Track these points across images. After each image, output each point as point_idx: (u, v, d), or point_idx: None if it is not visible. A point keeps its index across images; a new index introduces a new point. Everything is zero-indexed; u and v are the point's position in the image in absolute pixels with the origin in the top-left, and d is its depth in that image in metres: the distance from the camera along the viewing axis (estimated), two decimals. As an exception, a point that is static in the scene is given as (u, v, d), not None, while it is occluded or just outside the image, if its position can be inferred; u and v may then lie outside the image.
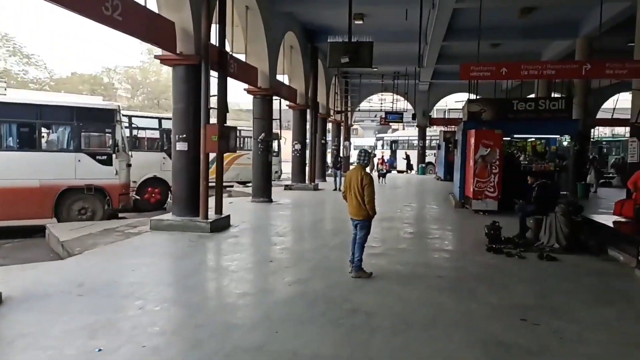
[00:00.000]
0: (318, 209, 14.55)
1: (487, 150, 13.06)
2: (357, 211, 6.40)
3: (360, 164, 6.50)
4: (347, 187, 6.49)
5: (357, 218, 6.46)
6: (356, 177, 6.31)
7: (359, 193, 6.27)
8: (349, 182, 6.43)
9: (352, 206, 6.43)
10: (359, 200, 6.31)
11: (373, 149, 39.51)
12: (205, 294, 6.07)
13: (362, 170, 6.40)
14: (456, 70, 26.48)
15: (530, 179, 9.99)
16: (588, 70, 9.51)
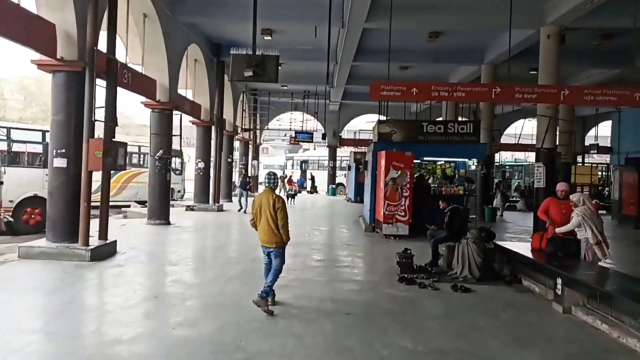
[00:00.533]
0: (220, 232, 13.41)
1: (397, 173, 12.75)
2: (270, 238, 5.94)
3: (269, 186, 6.08)
4: (256, 213, 6.01)
5: (270, 246, 5.99)
6: (267, 201, 5.91)
7: (272, 218, 5.85)
8: (258, 206, 5.98)
9: (264, 233, 5.95)
10: (271, 226, 5.87)
11: (283, 169, 38.86)
12: (65, 343, 4.81)
13: (272, 193, 6.00)
14: (366, 91, 26.56)
15: (442, 203, 9.67)
16: (497, 93, 9.45)
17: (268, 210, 5.85)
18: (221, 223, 14.80)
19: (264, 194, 6.01)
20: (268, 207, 5.86)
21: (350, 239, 12.78)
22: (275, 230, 5.87)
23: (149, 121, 13.51)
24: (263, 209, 5.90)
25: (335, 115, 31.14)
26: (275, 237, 5.91)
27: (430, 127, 14.09)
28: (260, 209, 5.94)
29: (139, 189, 21.22)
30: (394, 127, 14.10)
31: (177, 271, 8.16)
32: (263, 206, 5.91)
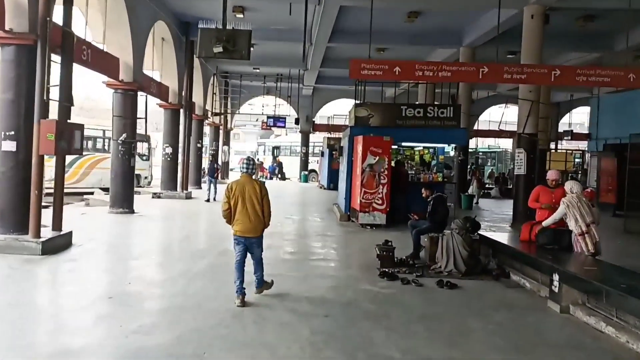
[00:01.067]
0: (187, 222, 12.63)
1: (375, 159, 12.17)
2: (256, 227, 5.64)
3: (248, 172, 5.71)
4: (235, 202, 5.56)
5: (254, 235, 5.67)
6: (252, 188, 5.58)
7: (259, 204, 5.57)
8: (240, 194, 5.55)
9: (247, 222, 5.56)
10: (258, 215, 5.59)
11: (255, 155, 37.98)
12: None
13: (253, 180, 5.72)
14: (341, 75, 26.37)
15: (425, 191, 9.14)
16: (485, 73, 8.91)
17: (254, 197, 5.53)
18: (188, 212, 13.99)
19: (245, 180, 5.62)
20: (254, 193, 5.54)
21: (325, 228, 12.19)
22: (261, 217, 5.61)
23: (112, 103, 12.52)
24: (247, 197, 5.52)
25: (308, 100, 30.40)
26: (261, 225, 5.66)
27: (409, 111, 13.52)
28: (242, 196, 5.52)
29: (103, 175, 20.16)
30: (372, 110, 13.49)
31: (138, 266, 7.44)
32: (247, 193, 5.53)
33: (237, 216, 5.57)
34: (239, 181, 5.65)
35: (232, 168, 47.32)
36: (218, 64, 21.81)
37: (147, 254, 8.52)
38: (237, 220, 5.59)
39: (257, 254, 5.76)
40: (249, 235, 5.63)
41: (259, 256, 5.78)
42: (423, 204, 13.81)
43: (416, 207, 13.77)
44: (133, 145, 12.88)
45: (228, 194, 5.59)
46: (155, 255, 8.52)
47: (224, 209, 5.62)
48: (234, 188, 5.59)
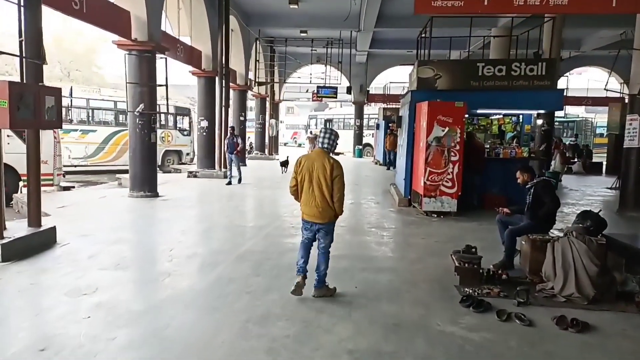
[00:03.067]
0: (215, 208, 10.59)
1: (444, 130, 9.66)
2: (323, 212, 4.80)
3: (324, 148, 4.86)
4: (302, 179, 4.85)
5: (320, 221, 4.85)
6: (322, 165, 4.74)
7: (328, 188, 4.75)
8: (307, 171, 4.80)
9: (313, 206, 4.81)
10: (326, 198, 4.77)
11: (306, 128, 35.88)
12: None
13: (327, 156, 4.81)
14: (400, 36, 23.49)
15: (521, 175, 6.58)
16: (621, 0, 6.13)
17: (323, 177, 4.73)
18: (221, 195, 12.00)
19: (317, 156, 4.82)
20: (323, 173, 4.72)
21: (380, 217, 9.84)
22: (330, 202, 4.76)
23: (125, 67, 10.60)
24: (315, 176, 4.76)
25: (362, 68, 27.75)
26: (329, 211, 4.81)
27: (488, 70, 10.76)
28: (310, 174, 4.78)
29: (139, 152, 18.69)
30: (439, 70, 10.85)
31: (118, 282, 5.41)
32: (315, 172, 4.76)
33: (302, 196, 4.87)
34: (310, 156, 4.88)
35: (285, 142, 46.02)
36: (260, 27, 19.57)
37: (140, 260, 6.57)
38: (303, 200, 4.88)
39: (322, 242, 4.94)
40: (314, 220, 4.85)
41: (324, 247, 4.95)
42: (503, 186, 11.34)
43: (494, 188, 11.32)
44: (153, 117, 10.95)
45: (296, 168, 4.89)
46: (150, 263, 6.51)
47: (291, 185, 4.96)
48: (302, 163, 4.86)
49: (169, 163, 19.45)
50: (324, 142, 4.83)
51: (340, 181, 4.74)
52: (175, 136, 19.57)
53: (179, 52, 12.75)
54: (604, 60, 27.28)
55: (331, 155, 4.86)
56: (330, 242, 4.99)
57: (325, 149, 4.83)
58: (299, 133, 42.80)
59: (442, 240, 7.88)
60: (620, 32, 20.19)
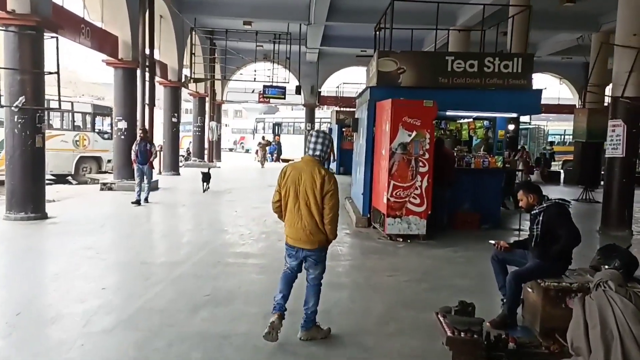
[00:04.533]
0: (127, 235, 8.13)
1: (411, 135, 7.75)
2: (311, 235, 3.82)
3: (316, 157, 3.84)
4: (287, 194, 3.88)
5: (308, 247, 3.86)
6: (311, 178, 3.76)
7: (317, 205, 3.77)
8: (293, 184, 3.83)
9: (299, 228, 3.83)
10: (314, 217, 3.79)
11: (253, 133, 33.58)
12: None
13: (318, 167, 3.80)
14: (353, 34, 21.65)
15: (524, 197, 4.66)
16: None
17: (311, 192, 3.75)
18: (134, 215, 9.48)
19: (304, 165, 3.83)
20: (312, 187, 3.74)
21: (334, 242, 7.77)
22: (319, 223, 3.79)
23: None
24: (301, 190, 3.78)
25: (313, 68, 25.75)
26: (319, 235, 3.81)
27: (458, 64, 8.95)
28: (296, 188, 3.80)
29: (49, 158, 15.84)
30: (403, 63, 8.93)
31: None
32: (302, 185, 3.78)
33: (287, 215, 3.91)
34: (297, 165, 3.92)
35: (231, 148, 43.32)
36: (196, 15, 17.16)
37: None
38: (287, 220, 3.92)
39: (313, 273, 3.96)
40: (300, 246, 3.87)
41: (314, 278, 3.97)
42: (475, 201, 9.62)
43: (465, 204, 9.59)
44: (39, 115, 8.45)
45: (280, 180, 3.92)
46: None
47: (274, 200, 4.01)
48: (287, 173, 3.88)
49: (84, 172, 16.68)
50: (315, 149, 3.84)
51: (334, 198, 3.81)
52: (93, 140, 16.81)
53: (84, 35, 10.25)
54: (557, 67, 26.64)
55: (322, 165, 3.87)
56: (322, 272, 4.05)
57: (317, 158, 3.84)
58: (246, 138, 40.34)
59: (415, 277, 5.99)
60: (577, 37, 19.38)
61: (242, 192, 13.48)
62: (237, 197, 12.58)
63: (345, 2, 16.64)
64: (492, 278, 4.92)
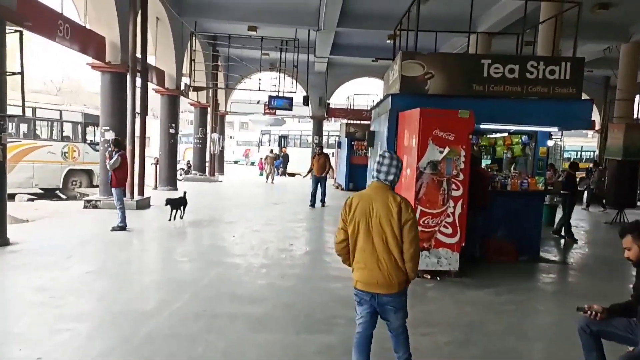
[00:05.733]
0: (98, 269, 6.75)
1: (442, 152, 6.39)
2: (390, 277, 3.22)
3: (384, 181, 3.29)
4: (355, 229, 3.25)
5: (387, 291, 3.25)
6: (385, 207, 3.20)
7: (395, 239, 3.18)
8: (363, 217, 3.23)
9: (375, 268, 3.22)
10: (393, 255, 3.20)
11: (258, 145, 32.35)
12: None
13: (391, 194, 3.26)
14: (364, 42, 20.43)
15: (635, 244, 3.26)
16: None
17: (387, 224, 3.17)
18: (106, 244, 8.01)
19: (374, 194, 3.27)
20: (387, 218, 3.17)
21: (343, 279, 6.34)
22: (399, 260, 3.20)
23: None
24: (374, 223, 3.20)
25: (321, 79, 24.51)
26: (399, 275, 3.22)
27: (496, 69, 7.61)
28: (367, 222, 3.21)
29: (35, 171, 14.70)
30: (431, 67, 7.59)
31: None
32: (375, 217, 3.20)
33: (356, 255, 3.30)
34: (364, 194, 3.32)
35: (236, 161, 42.03)
36: (197, 18, 15.95)
37: None
38: (356, 262, 3.30)
39: (394, 323, 3.34)
40: (377, 291, 3.25)
41: (398, 327, 3.36)
42: (511, 229, 8.24)
43: (499, 231, 8.22)
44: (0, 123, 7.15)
45: (344, 214, 3.31)
46: None
47: (338, 240, 3.36)
48: (353, 205, 3.28)
49: (74, 186, 15.45)
50: (389, 172, 3.27)
51: (414, 229, 3.20)
52: (84, 151, 15.62)
53: (62, 33, 8.98)
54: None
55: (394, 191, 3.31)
56: (405, 317, 3.40)
57: (387, 183, 3.28)
58: (252, 150, 39.17)
59: (458, 338, 4.67)
60: (604, 48, 18.11)
61: (243, 211, 12.11)
62: (237, 217, 11.23)
63: (358, 6, 15.45)
64: (561, 339, 3.56)
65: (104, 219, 9.69)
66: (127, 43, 11.21)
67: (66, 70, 37.05)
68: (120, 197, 8.89)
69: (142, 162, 12.49)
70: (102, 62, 10.99)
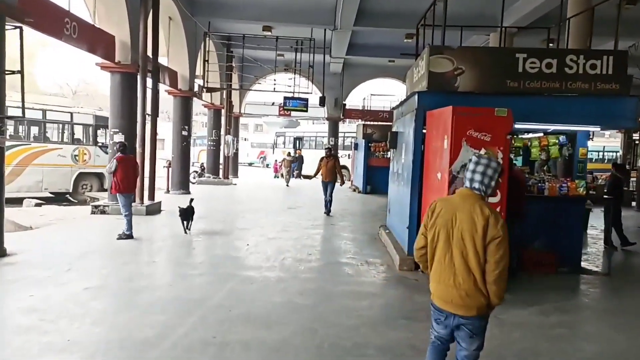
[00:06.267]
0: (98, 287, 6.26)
1: (479, 154, 5.72)
2: (467, 297, 2.83)
3: (476, 189, 2.91)
4: (435, 237, 2.94)
5: (463, 313, 2.87)
6: (470, 219, 2.81)
7: (477, 256, 2.79)
8: (444, 226, 2.89)
9: (450, 284, 2.87)
10: (473, 274, 2.81)
11: (273, 147, 31.87)
12: None
13: (480, 204, 2.85)
14: (381, 42, 19.81)
15: None
16: None
17: (469, 238, 2.79)
18: (109, 255, 7.45)
19: (461, 201, 2.89)
20: (470, 231, 2.79)
21: (373, 299, 5.75)
22: (479, 281, 2.79)
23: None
24: (456, 235, 2.84)
25: (337, 80, 23.91)
26: (478, 297, 2.81)
27: (532, 64, 6.95)
28: (448, 232, 2.87)
29: (44, 174, 14.34)
30: (462, 62, 6.94)
31: None
32: (457, 228, 2.84)
33: (434, 266, 2.97)
34: (450, 200, 2.96)
35: (250, 163, 41.58)
36: (210, 18, 15.47)
37: None
38: (433, 272, 2.98)
39: (466, 349, 2.94)
40: (453, 310, 2.87)
41: (467, 356, 2.95)
42: (550, 237, 7.57)
43: (537, 240, 7.55)
44: (-2, 124, 6.67)
45: (427, 219, 2.99)
46: None
47: (418, 246, 3.07)
48: (436, 210, 2.95)
49: (84, 190, 15.07)
50: (474, 180, 2.88)
51: (502, 247, 2.76)
52: (95, 154, 15.25)
53: (69, 31, 8.51)
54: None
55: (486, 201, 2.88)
56: (479, 348, 2.96)
57: (477, 191, 2.86)
58: (266, 152, 38.74)
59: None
60: (630, 45, 17.25)
61: (258, 217, 11.55)
62: (251, 223, 10.68)
63: (375, 4, 14.91)
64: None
65: (110, 226, 9.21)
66: (138, 42, 10.75)
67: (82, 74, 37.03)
68: (125, 203, 8.38)
69: (153, 166, 12.03)
70: (112, 62, 10.54)
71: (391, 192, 9.49)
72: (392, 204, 9.23)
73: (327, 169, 12.22)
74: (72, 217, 10.62)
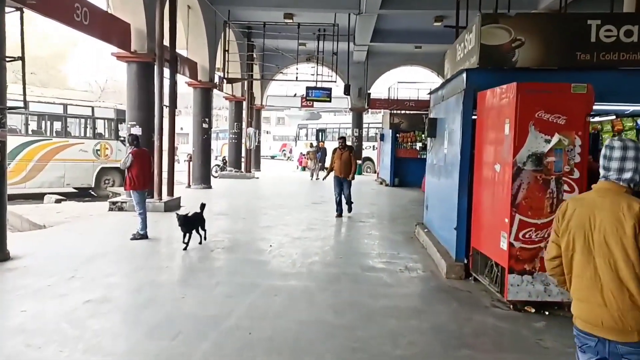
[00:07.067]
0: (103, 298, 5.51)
1: (549, 141, 4.79)
2: (621, 318, 2.16)
3: (622, 182, 2.23)
4: (570, 246, 2.31)
5: (618, 337, 2.18)
6: (613, 219, 2.19)
7: (630, 265, 2.15)
8: (580, 230, 2.27)
9: (596, 303, 2.24)
10: (626, 287, 2.16)
11: (296, 139, 31.10)
12: None
13: (628, 200, 2.19)
14: (407, 27, 18.75)
15: None
16: None
17: (617, 242, 2.18)
18: (119, 259, 6.66)
19: (601, 197, 2.26)
20: (615, 234, 2.18)
21: (417, 314, 4.85)
22: (636, 295, 2.14)
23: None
24: (596, 239, 2.23)
25: (360, 69, 22.88)
26: (635, 317, 2.15)
27: (608, 32, 5.88)
28: (586, 236, 2.26)
29: (66, 170, 13.94)
30: (520, 31, 5.95)
31: None
32: (597, 230, 2.24)
33: (573, 281, 2.34)
34: (585, 198, 2.34)
35: (273, 156, 40.90)
36: (230, 6, 14.66)
37: None
38: (573, 290, 2.34)
39: None
40: (604, 336, 2.22)
41: None
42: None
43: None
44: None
45: (557, 223, 2.38)
46: None
47: (549, 257, 2.44)
48: (568, 213, 2.33)
49: (106, 185, 14.65)
50: (622, 170, 2.23)
51: None
52: (117, 149, 14.81)
53: (80, 17, 7.77)
54: None
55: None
56: None
57: (623, 184, 2.22)
58: (288, 145, 38.05)
59: None
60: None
61: (281, 213, 10.74)
62: (274, 220, 9.89)
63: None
64: None
65: (126, 224, 8.50)
66: (154, 30, 10.05)
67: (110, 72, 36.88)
68: (139, 200, 7.67)
69: (172, 160, 11.39)
70: (128, 51, 9.84)
71: (430, 187, 8.56)
72: (431, 200, 8.30)
73: (342, 161, 10.28)
74: (88, 214, 9.98)
